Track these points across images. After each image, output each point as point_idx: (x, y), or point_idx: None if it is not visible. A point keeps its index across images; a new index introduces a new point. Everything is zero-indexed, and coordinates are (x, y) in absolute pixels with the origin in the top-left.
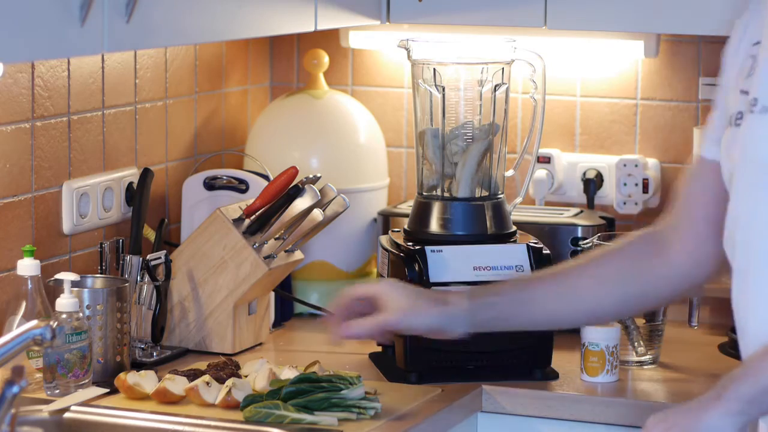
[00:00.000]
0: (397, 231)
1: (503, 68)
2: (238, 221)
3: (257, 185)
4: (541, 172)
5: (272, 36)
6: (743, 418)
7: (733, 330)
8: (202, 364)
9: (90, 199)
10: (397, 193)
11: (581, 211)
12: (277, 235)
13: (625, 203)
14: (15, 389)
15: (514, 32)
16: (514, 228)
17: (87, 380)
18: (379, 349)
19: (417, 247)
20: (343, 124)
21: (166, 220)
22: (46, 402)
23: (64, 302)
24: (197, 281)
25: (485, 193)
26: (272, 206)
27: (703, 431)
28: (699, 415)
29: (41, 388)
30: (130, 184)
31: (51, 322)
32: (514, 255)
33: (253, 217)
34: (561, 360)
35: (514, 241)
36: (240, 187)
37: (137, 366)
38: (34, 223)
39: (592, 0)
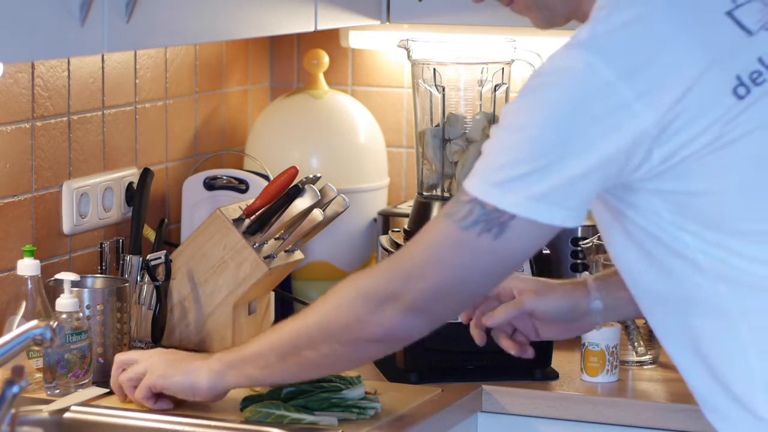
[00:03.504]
0: (397, 231)
1: (503, 68)
2: (238, 221)
3: (257, 185)
4: None
5: (272, 36)
6: (219, 378)
7: None
8: None
9: (90, 199)
10: (397, 193)
11: None
12: (277, 235)
13: None
14: (15, 389)
15: (514, 32)
16: None
17: (87, 380)
18: None
19: None
20: (343, 124)
21: (166, 220)
22: (46, 402)
23: (64, 302)
24: (197, 281)
25: None
26: (272, 206)
27: (177, 382)
28: (181, 366)
29: (41, 388)
30: (130, 184)
31: (51, 322)
32: None
33: (253, 217)
34: (561, 360)
35: None
36: (240, 187)
37: None
38: (34, 223)
39: None
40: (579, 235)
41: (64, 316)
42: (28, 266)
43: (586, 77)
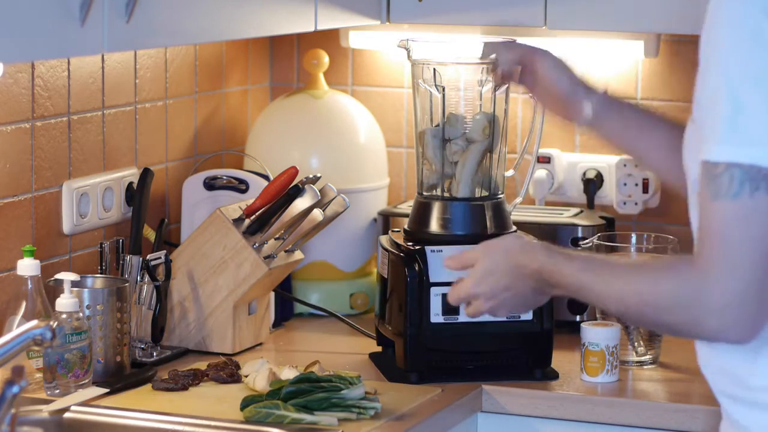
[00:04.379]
0: (397, 231)
1: None
2: (238, 221)
3: (257, 185)
4: (541, 172)
5: (272, 36)
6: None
7: None
8: (202, 364)
9: (90, 199)
10: (397, 193)
11: (581, 211)
12: (277, 235)
13: (625, 203)
14: (15, 389)
15: (514, 32)
16: (514, 228)
17: (87, 380)
18: (379, 349)
19: (417, 247)
20: (343, 124)
21: (166, 220)
22: (46, 402)
23: (64, 302)
24: (197, 281)
25: (485, 193)
26: (272, 206)
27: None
28: (527, 301)
29: (41, 388)
30: (130, 184)
31: (51, 322)
32: None
33: (253, 217)
34: (561, 360)
35: None
36: (240, 187)
37: (137, 366)
38: (34, 223)
39: (592, 0)
40: (579, 235)
41: (64, 316)
42: (28, 266)
43: None
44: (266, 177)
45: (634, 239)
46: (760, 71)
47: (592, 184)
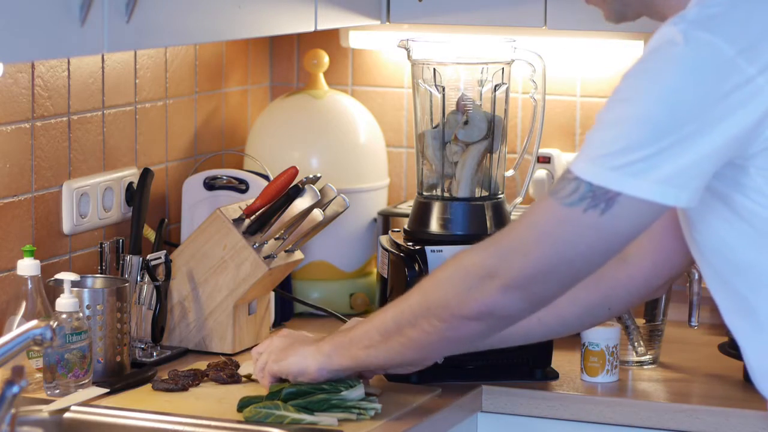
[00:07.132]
0: (397, 231)
1: (503, 68)
2: (238, 221)
3: (257, 185)
4: (541, 172)
5: (272, 36)
6: (327, 360)
7: None
8: (202, 364)
9: (90, 199)
10: (397, 193)
11: None
12: (277, 235)
13: None
14: (15, 389)
15: (514, 32)
16: None
17: (87, 380)
18: None
19: (417, 247)
20: (343, 124)
21: (166, 220)
22: (46, 402)
23: (64, 302)
24: (197, 281)
25: (485, 193)
26: (272, 206)
27: (290, 363)
28: (294, 349)
29: (41, 388)
30: (130, 184)
31: (51, 322)
32: None
33: (253, 217)
34: (561, 360)
35: None
36: (240, 187)
37: (137, 366)
38: (34, 223)
39: None
40: None
41: (64, 316)
42: (28, 266)
43: (707, 56)
44: (266, 177)
45: None
46: (689, 112)
47: None
